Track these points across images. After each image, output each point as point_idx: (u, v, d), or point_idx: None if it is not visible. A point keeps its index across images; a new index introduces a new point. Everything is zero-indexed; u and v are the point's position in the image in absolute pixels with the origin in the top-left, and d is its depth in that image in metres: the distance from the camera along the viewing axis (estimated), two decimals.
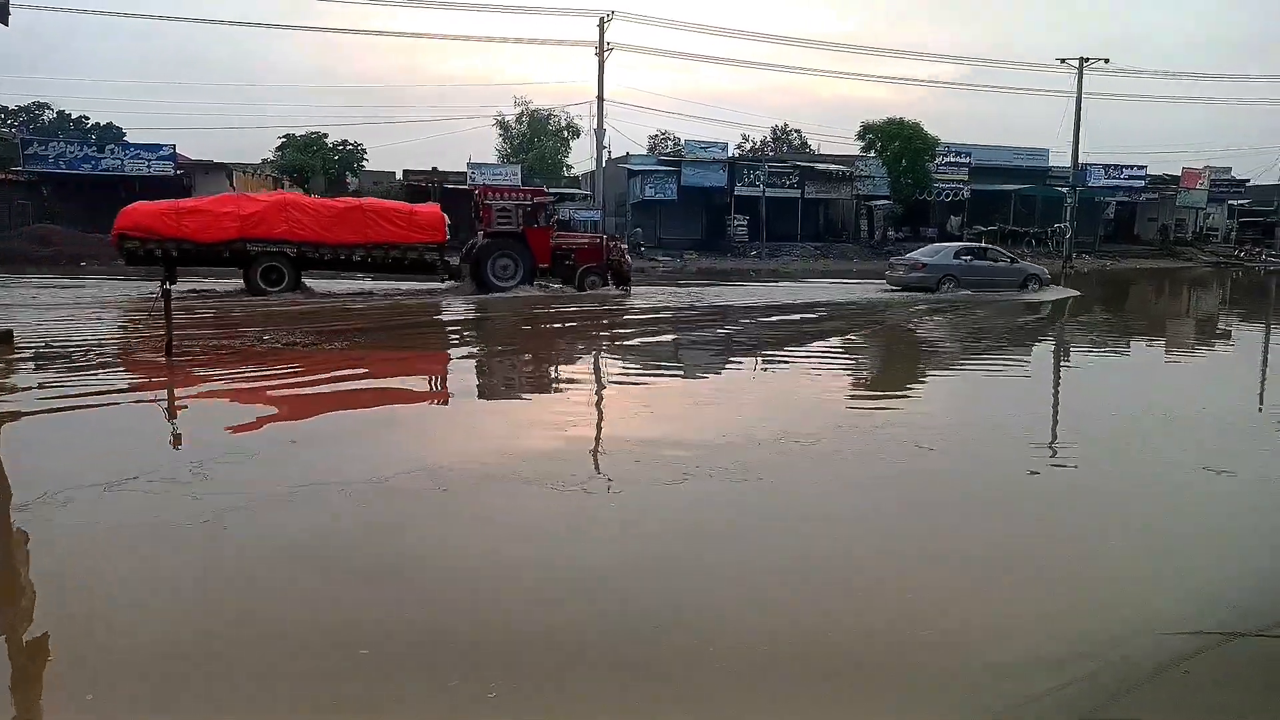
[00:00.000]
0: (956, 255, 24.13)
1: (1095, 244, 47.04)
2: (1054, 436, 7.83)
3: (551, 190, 44.04)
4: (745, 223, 42.90)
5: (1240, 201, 52.52)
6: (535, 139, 50.41)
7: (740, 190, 43.03)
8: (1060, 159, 46.33)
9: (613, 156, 44.29)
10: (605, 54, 39.83)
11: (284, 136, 45.74)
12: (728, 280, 29.56)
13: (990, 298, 21.89)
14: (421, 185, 42.14)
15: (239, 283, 19.30)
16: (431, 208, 20.49)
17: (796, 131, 58.78)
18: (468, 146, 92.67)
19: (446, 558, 4.66)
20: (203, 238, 18.15)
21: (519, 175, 42.27)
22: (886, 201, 44.90)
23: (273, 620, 3.86)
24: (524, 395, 9.72)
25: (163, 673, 3.38)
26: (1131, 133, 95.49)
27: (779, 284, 28.08)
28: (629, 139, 78.56)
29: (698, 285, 26.87)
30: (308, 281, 20.16)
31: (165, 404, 8.49)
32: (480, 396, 9.57)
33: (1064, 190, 44.62)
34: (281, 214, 18.59)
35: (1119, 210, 51.61)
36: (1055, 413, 9.21)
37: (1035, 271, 24.63)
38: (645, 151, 48.12)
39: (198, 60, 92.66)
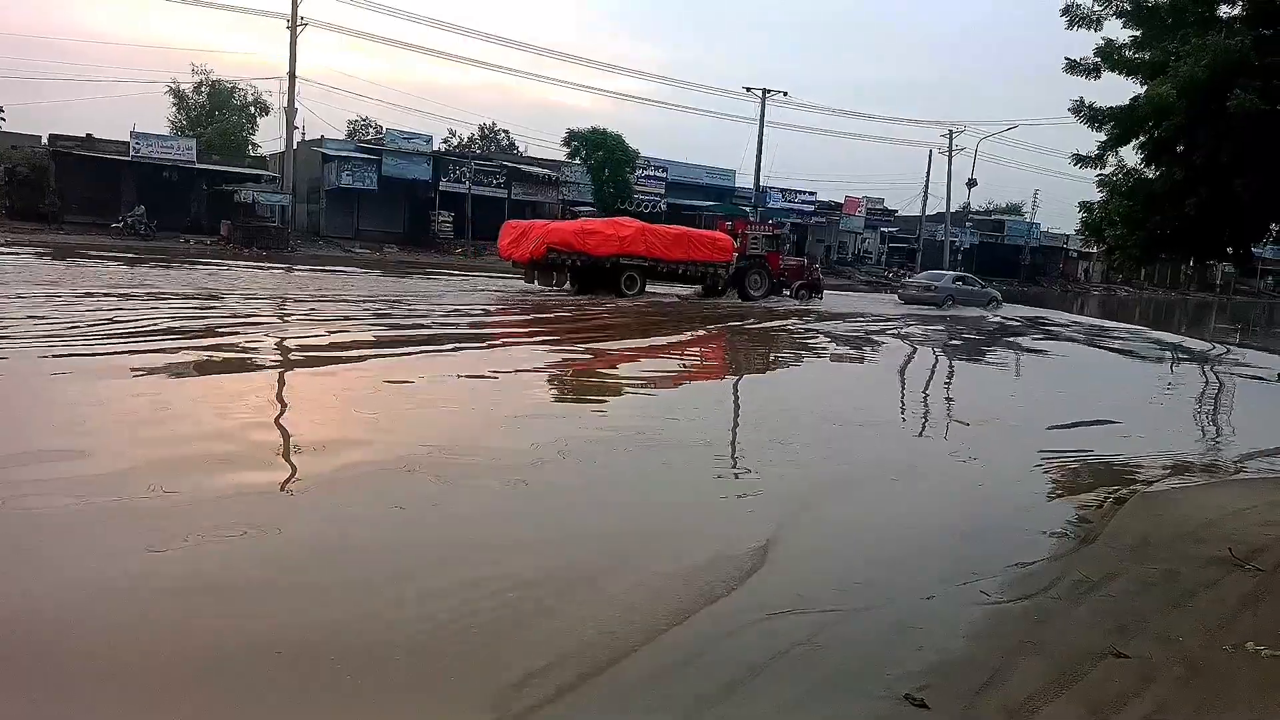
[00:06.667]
0: (951, 281, 31.77)
1: None
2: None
3: (232, 170, 39.87)
4: (450, 219, 41.62)
5: (890, 229, 60.56)
6: (216, 112, 45.26)
7: (445, 185, 41.67)
8: (745, 180, 50.36)
9: (306, 139, 40.95)
10: (299, 28, 36.69)
11: None
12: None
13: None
14: (71, 152, 36.07)
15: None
16: (724, 235, 25.53)
17: (505, 131, 58.30)
18: (134, 114, 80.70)
19: None
20: (596, 253, 22.69)
21: (194, 150, 37.59)
22: (590, 208, 45.85)
23: None
24: None
25: None
26: (805, 161, 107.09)
27: None
28: (326, 122, 73.58)
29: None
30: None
31: None
32: None
33: (747, 209, 48.45)
34: (643, 237, 23.40)
35: (793, 231, 57.10)
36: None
37: (995, 294, 32.22)
38: (344, 137, 45.06)
39: None
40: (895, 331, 20.65)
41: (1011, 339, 21.33)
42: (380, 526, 4.90)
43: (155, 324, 12.01)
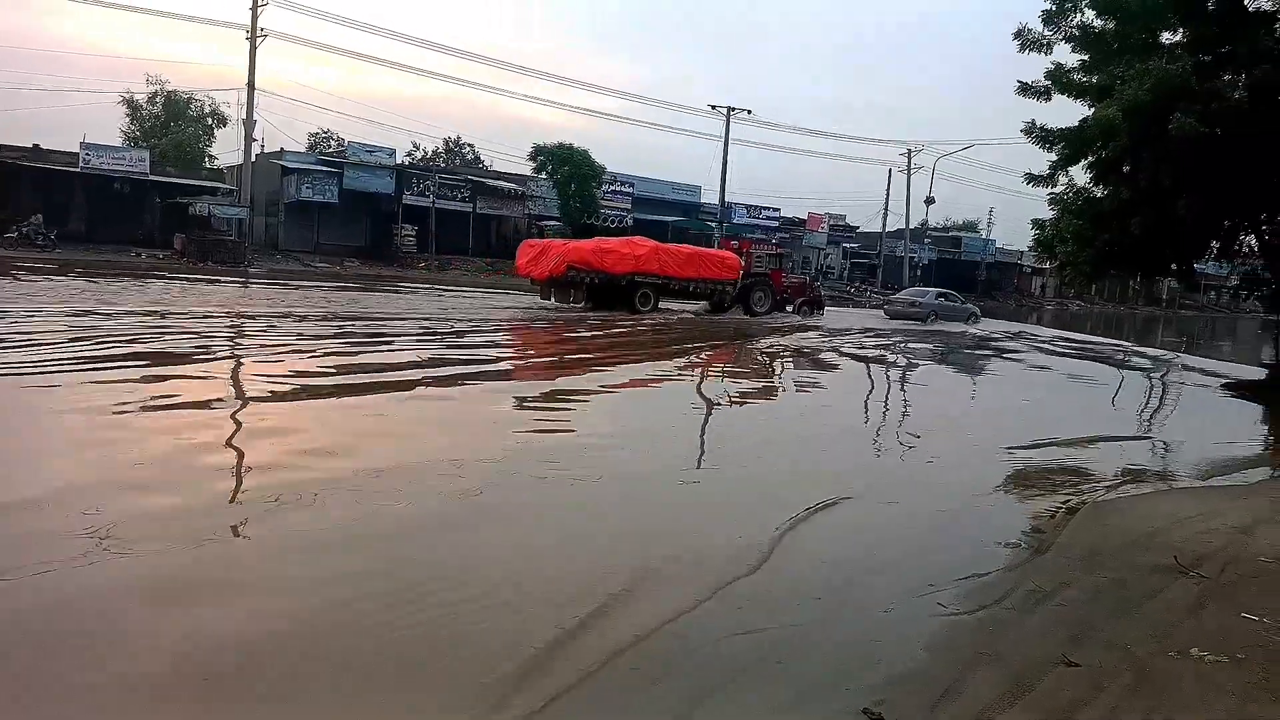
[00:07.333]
0: (935, 298, 32.74)
1: None
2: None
3: (187, 182, 39.23)
4: (414, 233, 41.38)
5: (852, 245, 61.42)
6: (171, 124, 44.59)
7: (409, 199, 41.44)
8: (711, 196, 50.74)
9: (265, 151, 40.46)
10: (258, 39, 36.35)
11: None
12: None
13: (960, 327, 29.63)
14: (17, 163, 35.17)
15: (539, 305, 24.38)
16: (732, 255, 26.59)
17: (470, 145, 58.18)
18: (83, 124, 78.39)
19: None
20: (613, 270, 23.48)
21: (147, 161, 36.94)
22: (557, 223, 45.87)
23: None
24: None
25: None
26: (770, 177, 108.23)
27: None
28: (286, 135, 72.74)
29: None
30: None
31: None
32: None
33: (713, 225, 48.84)
34: (656, 256, 24.29)
35: (729, 242, 57.53)
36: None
37: (974, 310, 33.48)
38: (304, 149, 44.62)
39: None
40: (898, 346, 21.12)
41: (1008, 354, 21.78)
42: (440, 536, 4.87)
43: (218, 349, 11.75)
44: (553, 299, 24.47)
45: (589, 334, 18.33)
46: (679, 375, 13.88)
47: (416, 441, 7.41)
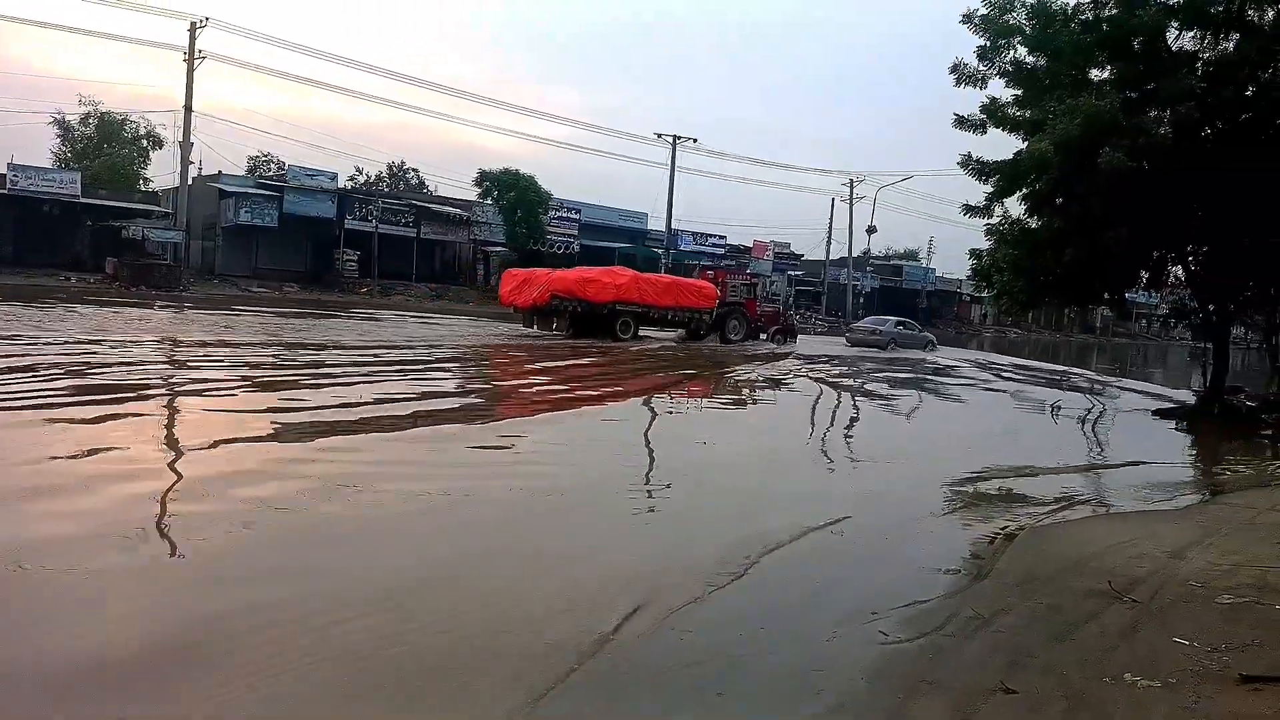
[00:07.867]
0: (894, 326, 33.74)
1: None
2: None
3: (120, 205, 38.19)
4: (356, 258, 40.79)
5: (796, 272, 62.34)
6: (105, 145, 43.38)
7: (351, 224, 40.91)
8: (657, 223, 51.12)
9: (202, 174, 39.61)
10: (196, 62, 35.73)
11: None
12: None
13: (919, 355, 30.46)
14: None
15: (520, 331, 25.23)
16: (709, 284, 27.42)
17: (414, 170, 57.80)
18: (11, 145, 75.19)
19: None
20: (595, 299, 24.17)
21: (78, 183, 35.87)
22: (503, 249, 45.70)
23: None
24: None
25: None
26: (716, 205, 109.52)
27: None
28: (224, 157, 70.96)
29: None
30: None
31: None
32: None
33: (660, 252, 49.16)
34: (637, 285, 25.11)
35: (706, 272, 58.09)
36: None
37: (931, 338, 34.58)
38: (243, 172, 43.79)
39: None
40: (868, 375, 21.38)
41: (980, 384, 21.85)
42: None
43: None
44: (535, 326, 25.00)
45: (568, 363, 18.31)
46: (665, 406, 13.81)
47: (382, 485, 7.13)
